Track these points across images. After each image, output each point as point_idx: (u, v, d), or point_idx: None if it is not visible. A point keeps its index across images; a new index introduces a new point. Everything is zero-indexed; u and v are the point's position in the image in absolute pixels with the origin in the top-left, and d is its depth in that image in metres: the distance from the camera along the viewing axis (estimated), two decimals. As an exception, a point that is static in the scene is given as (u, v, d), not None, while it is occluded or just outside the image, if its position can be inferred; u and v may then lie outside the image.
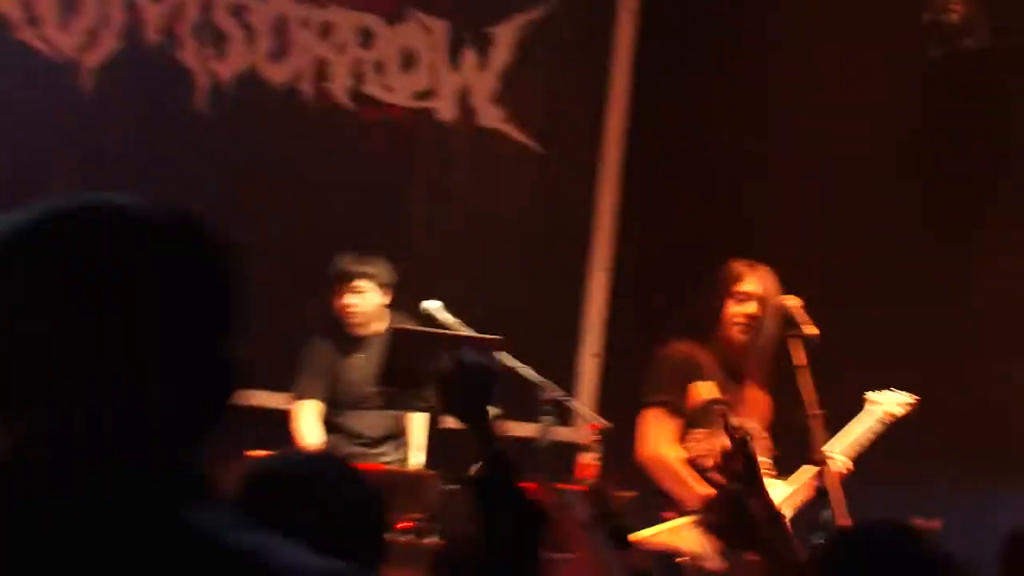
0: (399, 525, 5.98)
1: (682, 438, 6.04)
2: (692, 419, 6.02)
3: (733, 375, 6.16)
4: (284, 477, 2.87)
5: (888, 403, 6.38)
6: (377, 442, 7.36)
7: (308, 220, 8.24)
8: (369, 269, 7.29)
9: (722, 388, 6.09)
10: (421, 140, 8.61)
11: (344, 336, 7.35)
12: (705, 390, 6.03)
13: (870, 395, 6.41)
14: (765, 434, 6.20)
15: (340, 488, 2.85)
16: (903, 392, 6.46)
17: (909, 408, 6.42)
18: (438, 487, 6.21)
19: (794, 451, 6.10)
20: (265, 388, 7.34)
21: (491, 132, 8.68)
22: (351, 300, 7.28)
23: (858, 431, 6.25)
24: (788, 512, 5.78)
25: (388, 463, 7.18)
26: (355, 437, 7.33)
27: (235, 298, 1.62)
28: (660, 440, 5.99)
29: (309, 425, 7.24)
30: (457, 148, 8.65)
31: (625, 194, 8.76)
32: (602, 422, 6.51)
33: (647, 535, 5.75)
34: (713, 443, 5.76)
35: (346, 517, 2.81)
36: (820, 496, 5.90)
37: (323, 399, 7.31)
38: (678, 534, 5.75)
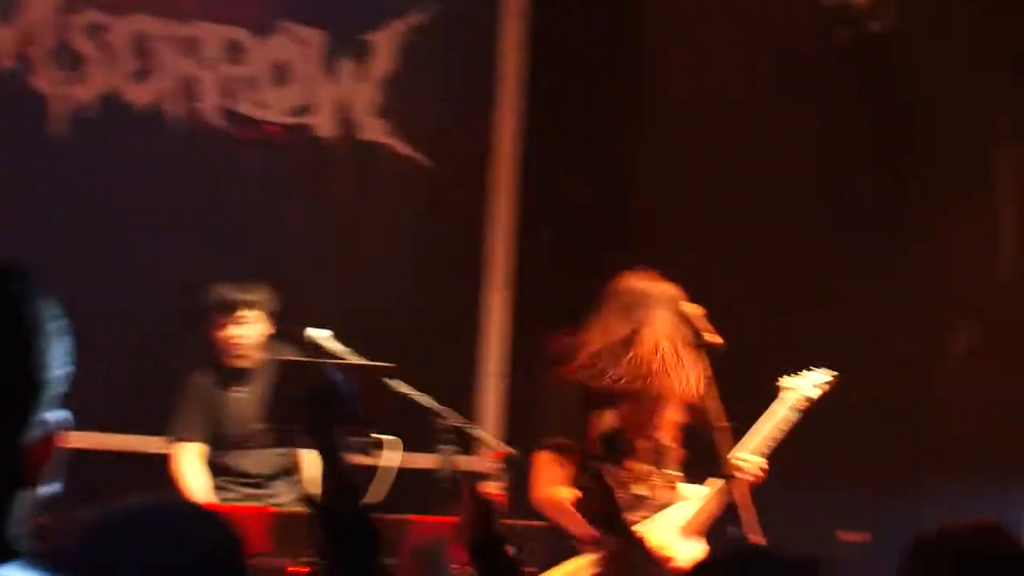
0: (291, 568, 5.79)
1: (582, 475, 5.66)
2: (594, 454, 5.61)
3: (637, 392, 5.71)
4: (115, 529, 2.53)
5: (803, 387, 5.95)
6: (267, 481, 7.06)
7: (181, 248, 7.91)
8: (254, 297, 7.01)
9: (625, 410, 5.65)
10: (299, 158, 8.34)
11: (224, 370, 7.05)
12: (604, 421, 5.63)
13: (784, 381, 5.98)
14: (676, 445, 5.79)
15: (180, 538, 2.50)
16: (821, 371, 6.01)
17: (827, 388, 5.99)
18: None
19: (706, 461, 5.76)
20: (142, 431, 6.93)
21: (374, 146, 8.38)
22: (235, 331, 6.97)
23: (770, 424, 5.81)
24: (700, 527, 5.66)
25: (280, 504, 6.87)
26: (242, 477, 7.05)
27: (40, 350, 1.61)
28: (551, 482, 5.69)
29: (192, 470, 6.93)
30: (338, 165, 8.35)
31: (521, 205, 8.40)
32: (506, 449, 6.35)
33: None
34: (618, 476, 5.62)
35: (191, 568, 2.45)
36: (729, 511, 5.64)
37: (205, 440, 7.01)
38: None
